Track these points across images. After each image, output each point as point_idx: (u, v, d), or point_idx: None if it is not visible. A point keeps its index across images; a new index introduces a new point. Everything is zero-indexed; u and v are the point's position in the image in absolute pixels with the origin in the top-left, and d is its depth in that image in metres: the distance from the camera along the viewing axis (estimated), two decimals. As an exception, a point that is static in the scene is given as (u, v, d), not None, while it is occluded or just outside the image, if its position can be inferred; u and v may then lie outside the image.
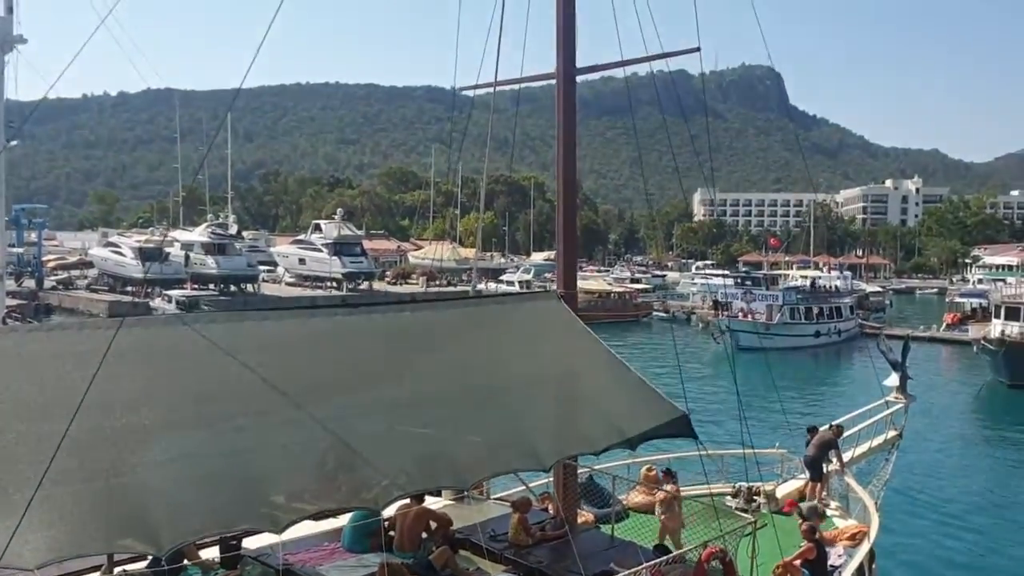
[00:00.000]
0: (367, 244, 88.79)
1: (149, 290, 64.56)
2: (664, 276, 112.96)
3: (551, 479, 12.68)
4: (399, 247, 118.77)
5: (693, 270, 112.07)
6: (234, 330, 8.26)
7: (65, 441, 6.00)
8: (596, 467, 13.80)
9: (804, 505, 14.56)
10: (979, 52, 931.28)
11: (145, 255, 66.15)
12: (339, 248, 75.63)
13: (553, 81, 12.04)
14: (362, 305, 10.31)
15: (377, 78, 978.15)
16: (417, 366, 9.11)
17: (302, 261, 79.68)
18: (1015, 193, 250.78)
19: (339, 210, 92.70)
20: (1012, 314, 45.55)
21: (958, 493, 24.87)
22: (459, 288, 79.09)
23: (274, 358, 8.09)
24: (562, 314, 11.31)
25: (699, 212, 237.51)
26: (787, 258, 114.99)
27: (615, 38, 11.93)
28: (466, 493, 12.12)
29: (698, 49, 11.40)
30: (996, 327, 45.79)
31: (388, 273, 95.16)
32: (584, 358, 10.62)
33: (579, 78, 12.13)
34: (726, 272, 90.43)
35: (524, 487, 13.02)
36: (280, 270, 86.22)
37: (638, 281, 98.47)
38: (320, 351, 8.68)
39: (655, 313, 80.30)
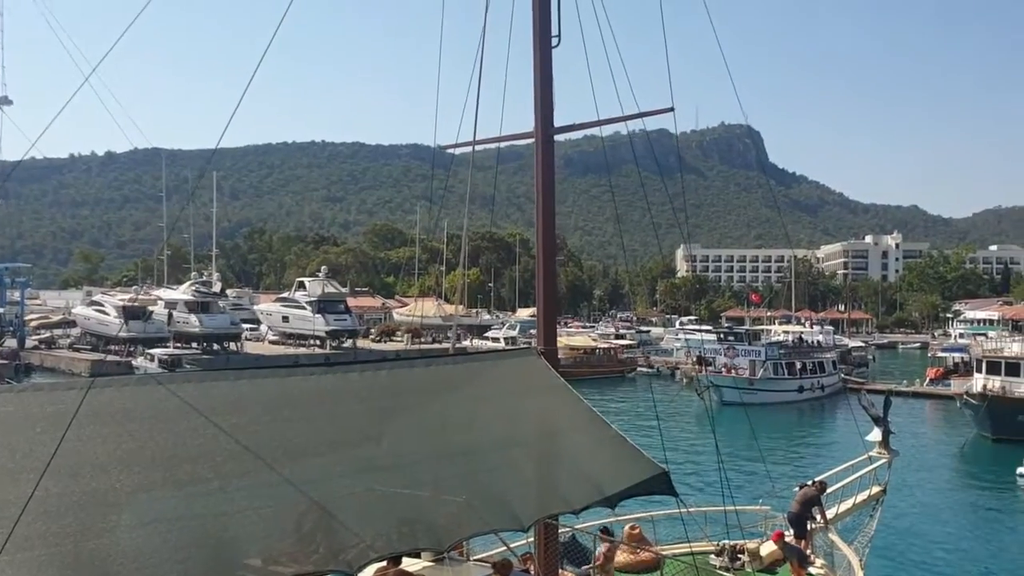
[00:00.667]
0: (352, 301, 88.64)
1: (131, 349, 64.16)
2: (648, 332, 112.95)
3: (532, 539, 12.52)
4: (384, 304, 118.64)
5: (677, 326, 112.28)
6: (209, 390, 8.19)
7: (31, 504, 5.90)
8: (578, 526, 13.66)
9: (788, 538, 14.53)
10: (957, 110, 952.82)
11: (129, 314, 65.93)
12: (323, 306, 75.31)
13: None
14: (339, 364, 10.27)
15: (363, 136, 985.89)
16: (395, 426, 9.05)
17: (286, 319, 79.32)
18: (994, 248, 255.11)
19: (323, 267, 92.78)
20: (993, 368, 45.78)
21: (944, 549, 24.69)
22: (443, 345, 78.86)
23: (250, 418, 8.01)
24: (542, 371, 11.31)
25: (682, 268, 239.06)
26: (769, 313, 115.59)
27: (600, 96, 12.22)
28: (445, 555, 11.94)
29: (672, 109, 11.65)
30: (978, 381, 45.98)
31: (373, 330, 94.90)
32: (563, 415, 10.58)
33: (565, 137, 12.34)
34: (709, 327, 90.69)
35: (505, 547, 12.84)
36: (263, 328, 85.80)
37: (623, 337, 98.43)
38: (297, 411, 8.61)
39: (640, 369, 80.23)
